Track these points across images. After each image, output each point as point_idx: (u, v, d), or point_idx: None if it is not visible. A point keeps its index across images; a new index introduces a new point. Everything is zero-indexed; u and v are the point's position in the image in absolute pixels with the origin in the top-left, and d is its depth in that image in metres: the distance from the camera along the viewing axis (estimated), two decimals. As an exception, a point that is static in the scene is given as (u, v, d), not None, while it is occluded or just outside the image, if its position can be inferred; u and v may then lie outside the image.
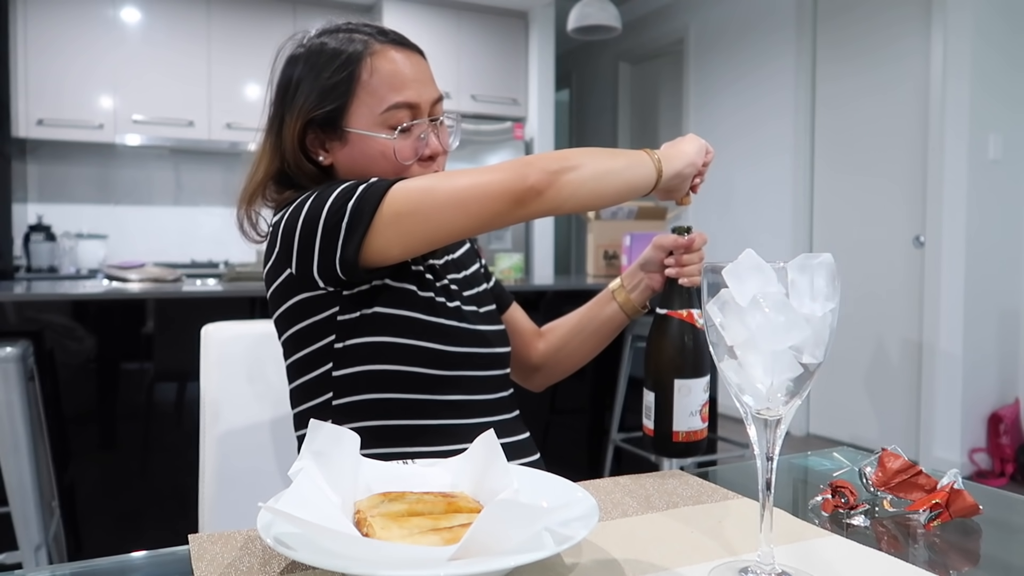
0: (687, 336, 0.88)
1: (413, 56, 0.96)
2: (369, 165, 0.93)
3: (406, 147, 0.93)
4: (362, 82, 0.92)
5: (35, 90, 3.94)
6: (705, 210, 4.94)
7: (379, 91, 0.92)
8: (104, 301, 2.09)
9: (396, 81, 0.92)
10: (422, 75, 0.95)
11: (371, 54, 0.93)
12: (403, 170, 0.93)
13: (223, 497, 1.10)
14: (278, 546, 0.53)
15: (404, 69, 0.94)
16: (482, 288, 1.06)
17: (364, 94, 0.92)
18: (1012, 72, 3.49)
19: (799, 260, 0.53)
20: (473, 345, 0.95)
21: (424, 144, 0.94)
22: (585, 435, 2.78)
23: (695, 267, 0.92)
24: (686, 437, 0.87)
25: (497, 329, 1.02)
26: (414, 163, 0.94)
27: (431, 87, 0.96)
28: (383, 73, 0.93)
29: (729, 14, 4.76)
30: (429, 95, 0.95)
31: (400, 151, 0.92)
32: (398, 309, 0.91)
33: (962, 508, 0.70)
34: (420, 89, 0.94)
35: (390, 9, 4.46)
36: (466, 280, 1.03)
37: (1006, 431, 3.43)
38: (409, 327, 0.90)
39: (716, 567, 0.59)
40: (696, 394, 0.87)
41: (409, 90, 0.93)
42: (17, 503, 1.74)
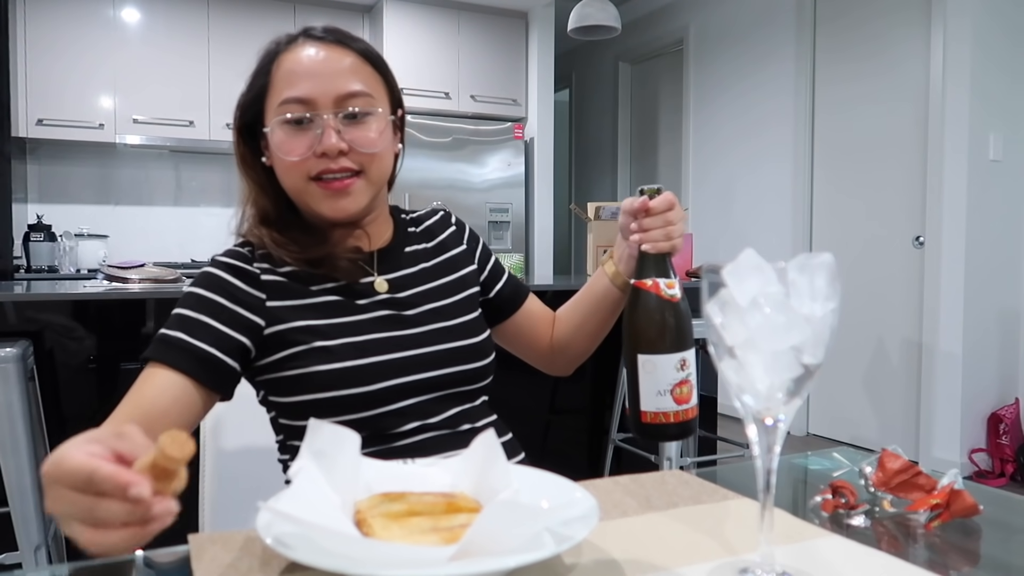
0: (652, 308, 0.81)
1: (329, 49, 0.91)
2: (275, 163, 0.92)
3: (292, 141, 0.89)
4: (272, 78, 0.91)
5: (35, 90, 3.94)
6: (705, 210, 4.94)
7: (278, 87, 0.90)
8: (104, 301, 2.09)
9: (293, 76, 0.90)
10: (328, 69, 0.90)
11: (284, 51, 0.92)
12: (296, 167, 0.89)
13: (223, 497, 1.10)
14: (278, 546, 0.53)
15: (306, 63, 0.90)
16: (457, 298, 1.01)
17: (272, 91, 0.91)
18: (1012, 72, 3.49)
19: (799, 260, 0.53)
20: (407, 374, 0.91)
21: (319, 141, 0.88)
22: (585, 435, 2.78)
23: (658, 232, 0.84)
24: (654, 418, 0.79)
25: (460, 346, 0.96)
26: (305, 160, 0.88)
27: (340, 81, 0.89)
28: (286, 68, 0.90)
29: (729, 15, 4.76)
30: (332, 90, 0.89)
31: (285, 144, 0.89)
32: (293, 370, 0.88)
33: (962, 508, 0.70)
34: (319, 83, 0.88)
35: (390, 9, 4.46)
36: (423, 295, 0.98)
37: (1006, 431, 3.43)
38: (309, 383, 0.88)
39: (716, 567, 0.59)
40: (664, 372, 0.78)
41: (303, 84, 0.88)
42: (17, 503, 1.74)
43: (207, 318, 0.87)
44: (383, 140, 0.93)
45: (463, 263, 1.06)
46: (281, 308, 0.90)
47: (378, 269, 0.98)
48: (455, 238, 1.08)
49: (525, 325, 1.11)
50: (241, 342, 0.88)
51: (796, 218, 4.30)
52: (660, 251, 0.84)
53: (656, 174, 5.74)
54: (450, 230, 1.09)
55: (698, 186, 5.03)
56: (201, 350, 0.85)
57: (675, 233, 0.85)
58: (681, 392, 0.79)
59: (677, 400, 0.80)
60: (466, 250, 1.08)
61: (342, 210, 0.91)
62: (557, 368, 1.13)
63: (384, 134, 0.93)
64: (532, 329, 1.11)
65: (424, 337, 0.94)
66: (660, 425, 0.79)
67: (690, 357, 0.80)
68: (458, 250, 1.07)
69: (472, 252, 1.09)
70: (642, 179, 5.93)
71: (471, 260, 1.08)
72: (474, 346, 0.98)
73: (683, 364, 0.79)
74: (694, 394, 0.80)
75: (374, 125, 0.91)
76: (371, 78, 0.93)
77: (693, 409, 0.80)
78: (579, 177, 6.54)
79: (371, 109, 0.91)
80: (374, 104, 0.92)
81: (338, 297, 0.93)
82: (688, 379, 0.80)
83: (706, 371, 2.90)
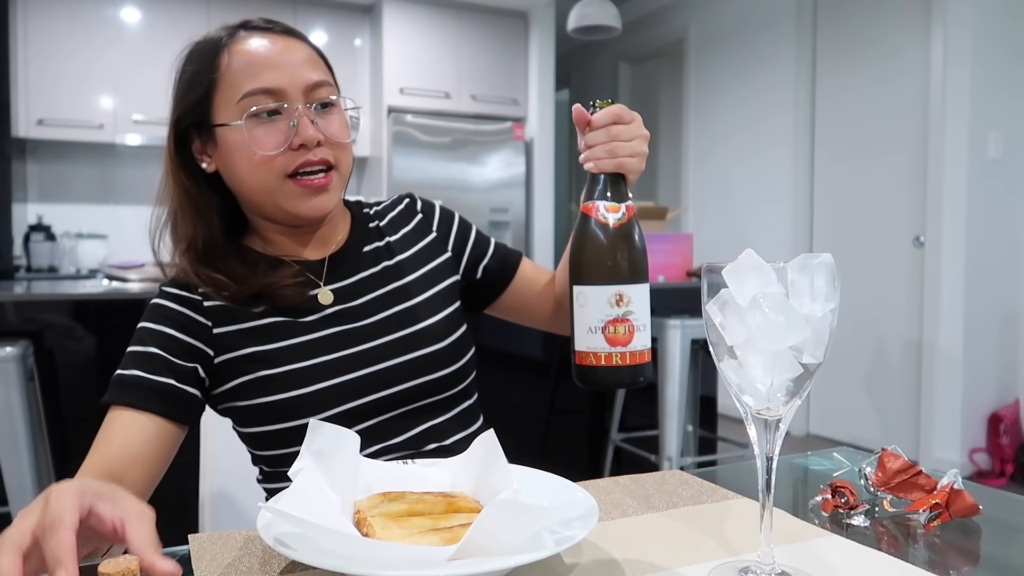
0: (587, 234, 0.73)
1: (282, 40, 0.87)
2: (235, 162, 0.85)
3: (265, 135, 0.83)
4: (220, 72, 0.85)
5: (35, 90, 3.94)
6: (705, 210, 4.94)
7: (235, 79, 0.84)
8: (104, 301, 2.09)
9: (252, 68, 0.84)
10: (289, 58, 0.85)
11: (230, 42, 0.86)
12: (270, 162, 0.83)
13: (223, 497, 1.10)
14: (278, 546, 0.53)
15: (264, 53, 0.85)
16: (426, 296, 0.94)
17: (223, 85, 0.85)
18: (1012, 72, 3.49)
19: (799, 260, 0.53)
20: (361, 396, 0.86)
21: (295, 132, 0.83)
22: (585, 435, 2.78)
23: (600, 148, 0.74)
24: (583, 359, 0.71)
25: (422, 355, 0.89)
26: (281, 154, 0.83)
27: (304, 71, 0.85)
28: (240, 60, 0.84)
29: (729, 14, 4.76)
30: (300, 79, 0.84)
31: (256, 139, 0.82)
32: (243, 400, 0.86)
33: (962, 508, 0.70)
34: (285, 73, 0.84)
35: (390, 9, 4.46)
36: (381, 300, 0.92)
37: (1006, 431, 3.44)
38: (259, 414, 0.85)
39: (716, 567, 0.59)
40: (595, 306, 0.70)
41: (268, 74, 0.83)
42: (17, 503, 1.74)
43: (159, 350, 0.83)
44: (350, 131, 0.89)
45: (434, 253, 0.99)
46: (227, 334, 0.86)
47: (327, 278, 0.91)
48: (422, 227, 1.00)
49: (524, 292, 1.02)
50: (195, 370, 0.84)
51: (796, 218, 4.30)
52: (603, 170, 0.75)
53: (656, 174, 5.74)
54: (416, 219, 1.01)
55: (698, 186, 5.03)
56: (160, 383, 0.81)
57: (621, 151, 0.74)
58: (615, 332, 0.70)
59: (610, 340, 0.70)
60: (436, 238, 1.00)
61: (320, 208, 0.86)
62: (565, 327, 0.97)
63: (349, 126, 0.90)
64: (531, 294, 1.02)
65: (378, 352, 0.88)
66: (589, 367, 0.71)
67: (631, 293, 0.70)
68: (427, 240, 0.99)
69: (444, 239, 1.01)
70: (642, 179, 5.93)
71: (443, 248, 1.00)
72: (440, 352, 0.91)
73: (619, 299, 0.70)
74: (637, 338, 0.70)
75: (339, 115, 0.88)
76: (325, 69, 0.90)
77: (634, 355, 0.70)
78: (579, 177, 6.53)
79: (333, 99, 0.88)
80: (335, 94, 0.88)
81: (283, 318, 0.87)
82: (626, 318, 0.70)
83: (706, 371, 2.90)
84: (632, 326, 0.71)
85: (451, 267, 0.99)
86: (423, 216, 1.02)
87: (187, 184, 0.89)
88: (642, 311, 0.71)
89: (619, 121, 0.76)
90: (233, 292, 0.86)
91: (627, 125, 0.76)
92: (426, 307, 0.93)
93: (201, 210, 0.89)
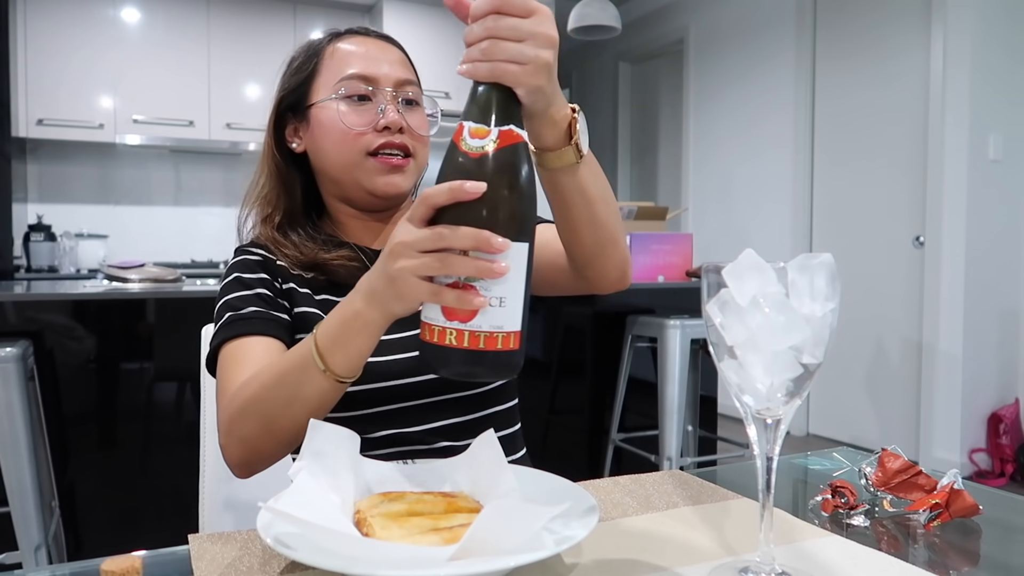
0: (445, 163, 0.58)
1: (380, 42, 0.98)
2: (325, 138, 0.93)
3: (354, 114, 0.92)
4: (324, 62, 0.95)
5: (35, 90, 3.94)
6: (705, 210, 4.94)
7: (337, 66, 0.94)
8: (104, 301, 2.09)
9: (352, 57, 0.94)
10: (385, 56, 0.96)
11: (336, 40, 0.97)
12: (356, 139, 0.91)
13: (223, 497, 1.10)
14: (278, 546, 0.53)
15: (364, 48, 0.96)
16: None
17: (325, 71, 0.95)
18: (1012, 72, 3.49)
19: (799, 260, 0.53)
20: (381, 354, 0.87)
21: (381, 116, 0.92)
22: (585, 435, 2.78)
23: (475, 48, 0.60)
24: (423, 331, 0.58)
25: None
26: (366, 132, 0.91)
27: (396, 68, 0.95)
28: (343, 52, 0.95)
29: (729, 15, 4.76)
30: (392, 74, 0.94)
31: (347, 116, 0.91)
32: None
33: (962, 508, 0.70)
34: (380, 66, 0.94)
35: (390, 9, 4.46)
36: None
37: (1006, 431, 3.44)
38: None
39: (716, 567, 0.59)
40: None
41: (365, 64, 0.94)
42: (17, 503, 1.74)
43: (264, 290, 0.90)
44: (429, 129, 0.98)
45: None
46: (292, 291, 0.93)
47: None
48: None
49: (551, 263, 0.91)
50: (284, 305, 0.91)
51: (796, 218, 4.30)
52: (477, 78, 0.59)
53: (656, 174, 5.74)
54: None
55: (698, 186, 5.03)
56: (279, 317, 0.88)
57: (500, 52, 0.59)
58: (453, 300, 0.56)
59: (446, 311, 0.56)
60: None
61: (395, 186, 0.93)
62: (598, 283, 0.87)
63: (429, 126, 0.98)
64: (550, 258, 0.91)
65: (412, 341, 0.89)
66: (425, 342, 0.57)
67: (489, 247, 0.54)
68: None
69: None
70: (642, 179, 5.93)
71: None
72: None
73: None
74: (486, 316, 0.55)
75: (422, 114, 0.97)
76: (414, 74, 0.99)
77: (476, 337, 0.55)
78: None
79: (419, 99, 0.97)
80: (421, 95, 0.97)
81: (337, 297, 0.92)
82: (469, 284, 0.55)
83: (706, 371, 2.90)
84: (478, 297, 0.55)
85: None
86: None
87: (278, 160, 0.99)
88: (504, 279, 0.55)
89: (504, 11, 0.59)
90: (293, 257, 0.93)
91: (515, 20, 0.60)
92: None
93: (286, 184, 0.99)
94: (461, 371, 0.57)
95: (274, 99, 0.99)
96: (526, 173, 0.58)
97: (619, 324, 2.72)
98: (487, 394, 0.95)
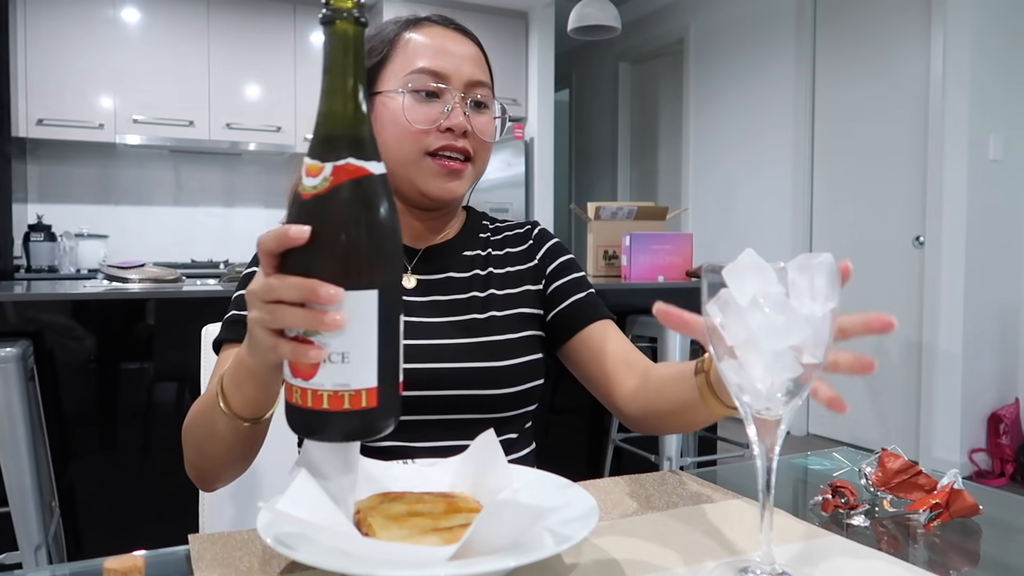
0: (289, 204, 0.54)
1: (459, 37, 0.93)
2: (386, 130, 0.89)
3: (419, 110, 0.88)
4: (397, 49, 0.91)
5: (35, 90, 3.94)
6: (705, 211, 4.94)
7: (409, 56, 0.90)
8: (104, 301, 2.09)
9: (427, 49, 0.90)
10: (460, 52, 0.91)
11: (411, 27, 0.93)
12: (417, 136, 0.87)
13: (223, 497, 1.10)
14: (278, 546, 0.53)
15: (440, 40, 0.91)
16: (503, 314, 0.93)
17: (396, 59, 0.91)
18: (1012, 72, 3.49)
19: (799, 260, 0.53)
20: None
21: (446, 116, 0.88)
22: (585, 435, 2.78)
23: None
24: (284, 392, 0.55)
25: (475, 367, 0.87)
26: (428, 131, 0.88)
27: (470, 67, 0.91)
28: (418, 42, 0.91)
29: (729, 15, 4.76)
30: (465, 73, 0.90)
31: (411, 112, 0.87)
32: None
33: (962, 508, 0.70)
34: (453, 63, 0.90)
35: (390, 9, 4.46)
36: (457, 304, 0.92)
37: (1006, 431, 3.44)
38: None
39: (716, 567, 0.58)
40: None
41: (439, 59, 0.89)
42: (17, 503, 1.74)
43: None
44: (496, 134, 0.94)
45: (526, 280, 0.98)
46: None
47: (416, 267, 0.95)
48: (527, 253, 1.00)
49: (583, 355, 0.96)
50: None
51: (796, 218, 4.30)
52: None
53: (656, 174, 5.74)
54: (527, 244, 1.01)
55: (698, 186, 5.03)
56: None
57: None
58: (295, 354, 0.52)
59: (292, 367, 0.52)
60: (534, 267, 0.99)
61: (449, 191, 0.90)
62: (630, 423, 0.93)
63: (497, 130, 0.94)
64: (593, 364, 0.95)
65: (436, 351, 0.87)
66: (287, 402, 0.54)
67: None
68: (526, 266, 0.99)
69: (541, 271, 0.99)
70: (642, 179, 5.93)
71: (536, 278, 0.99)
72: (497, 370, 0.88)
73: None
74: (327, 372, 0.51)
75: (490, 118, 0.93)
76: (488, 74, 0.95)
77: (318, 396, 0.51)
78: (579, 177, 6.53)
79: (490, 102, 0.93)
80: (491, 98, 0.93)
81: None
82: (307, 339, 0.51)
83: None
84: (313, 350, 0.51)
85: (537, 298, 0.98)
86: (533, 243, 1.02)
87: None
88: (345, 333, 0.50)
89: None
90: None
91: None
92: (499, 323, 0.93)
93: None
94: (308, 432, 0.53)
95: None
96: (370, 212, 0.52)
97: (619, 324, 2.72)
98: (504, 420, 0.90)
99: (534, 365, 0.93)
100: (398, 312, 0.54)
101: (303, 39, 4.55)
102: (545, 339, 0.99)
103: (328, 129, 0.53)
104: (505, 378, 0.89)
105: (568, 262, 1.01)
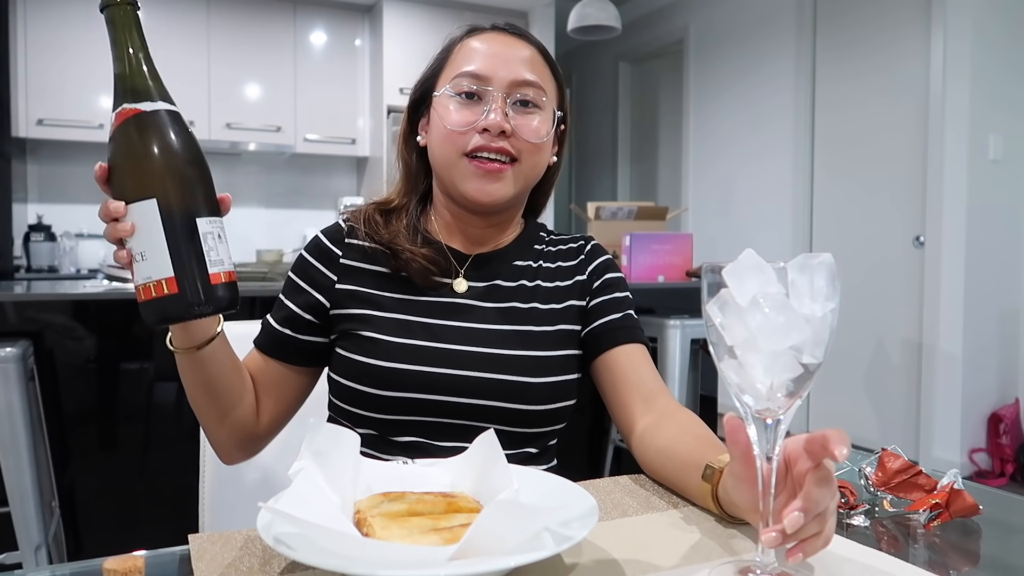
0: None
1: (510, 38, 0.94)
2: (433, 133, 0.93)
3: (457, 112, 0.90)
4: (451, 56, 0.95)
5: (35, 90, 3.94)
6: (705, 210, 4.94)
7: (459, 62, 0.92)
8: (104, 301, 2.09)
9: (473, 53, 0.92)
10: (508, 54, 0.91)
11: (470, 35, 0.95)
12: (455, 138, 0.89)
13: (223, 497, 1.10)
14: (278, 546, 0.53)
15: (488, 45, 0.92)
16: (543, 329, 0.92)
17: (449, 65, 0.94)
18: (1012, 72, 3.49)
19: (799, 260, 0.53)
20: (426, 391, 0.86)
21: (484, 117, 0.88)
22: (585, 435, 2.78)
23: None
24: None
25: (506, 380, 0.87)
26: (465, 132, 0.89)
27: (518, 67, 0.90)
28: (469, 48, 0.93)
29: (729, 14, 4.76)
30: (510, 74, 0.90)
31: (451, 114, 0.89)
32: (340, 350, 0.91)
33: (962, 508, 0.70)
34: (496, 64, 0.90)
35: (390, 9, 4.46)
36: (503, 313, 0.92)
37: (1006, 431, 3.44)
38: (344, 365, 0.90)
39: (716, 567, 0.59)
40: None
41: (481, 62, 0.90)
42: (17, 503, 1.74)
43: (287, 300, 0.94)
44: (545, 135, 0.92)
45: (571, 295, 0.97)
46: (346, 292, 0.93)
47: (467, 272, 0.95)
48: (577, 268, 0.99)
49: (604, 378, 0.94)
50: (309, 320, 0.93)
51: (796, 218, 4.30)
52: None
53: (656, 174, 5.74)
54: (578, 260, 1.00)
55: (698, 186, 5.03)
56: (276, 331, 0.93)
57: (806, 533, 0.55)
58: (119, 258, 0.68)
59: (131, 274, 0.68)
60: (581, 282, 0.98)
61: (488, 193, 0.89)
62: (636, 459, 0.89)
63: (547, 131, 0.93)
64: (610, 389, 0.93)
65: (471, 358, 0.87)
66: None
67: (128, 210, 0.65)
68: (573, 280, 0.98)
69: (587, 286, 0.98)
70: (642, 179, 5.93)
71: (582, 295, 0.97)
72: (525, 386, 0.87)
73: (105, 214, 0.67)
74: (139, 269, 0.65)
75: (539, 118, 0.92)
76: (546, 76, 0.94)
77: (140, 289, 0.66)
78: (579, 177, 6.53)
79: (540, 102, 0.92)
80: (544, 98, 0.92)
81: (405, 295, 0.92)
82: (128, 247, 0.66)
83: (706, 371, 2.90)
84: (121, 252, 0.67)
85: (578, 315, 0.97)
86: (584, 258, 1.01)
87: (404, 151, 1.00)
88: (138, 236, 0.65)
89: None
90: (376, 237, 0.94)
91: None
92: (536, 338, 0.91)
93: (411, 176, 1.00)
94: (146, 320, 0.67)
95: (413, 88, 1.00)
96: (143, 138, 0.65)
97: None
98: (528, 436, 0.90)
99: (566, 386, 0.91)
100: (189, 214, 0.66)
101: (303, 39, 4.55)
102: (580, 357, 0.97)
103: (115, 87, 0.67)
104: (533, 395, 0.88)
105: (613, 280, 0.99)
